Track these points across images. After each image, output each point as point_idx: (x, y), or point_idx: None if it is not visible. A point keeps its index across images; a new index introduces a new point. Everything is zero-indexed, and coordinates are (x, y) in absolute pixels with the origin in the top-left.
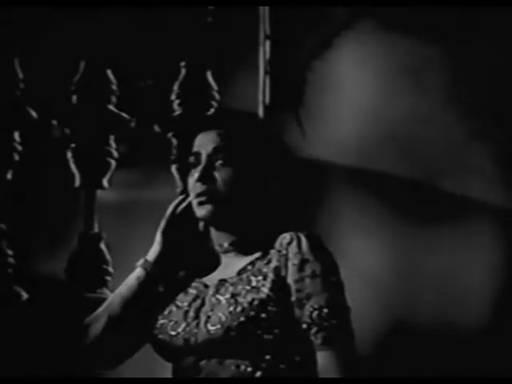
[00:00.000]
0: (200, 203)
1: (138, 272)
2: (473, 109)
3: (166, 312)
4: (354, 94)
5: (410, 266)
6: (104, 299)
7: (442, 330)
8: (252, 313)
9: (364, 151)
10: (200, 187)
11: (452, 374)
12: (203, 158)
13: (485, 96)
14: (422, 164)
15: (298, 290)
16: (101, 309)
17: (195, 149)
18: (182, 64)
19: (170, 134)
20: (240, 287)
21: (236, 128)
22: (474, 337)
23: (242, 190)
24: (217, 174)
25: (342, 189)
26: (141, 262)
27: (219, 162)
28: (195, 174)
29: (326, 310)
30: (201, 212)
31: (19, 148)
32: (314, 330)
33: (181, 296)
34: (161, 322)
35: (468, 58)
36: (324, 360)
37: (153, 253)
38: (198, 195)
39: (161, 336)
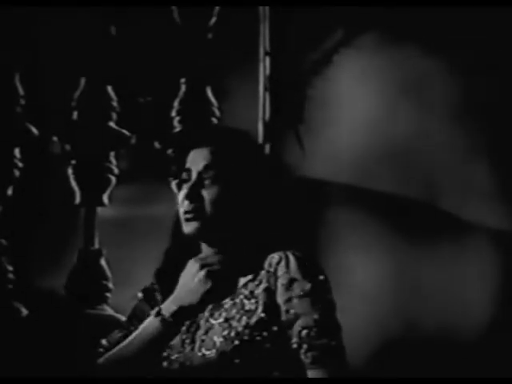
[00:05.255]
0: (187, 220)
1: (160, 330)
2: (473, 125)
3: None
4: (354, 111)
5: (408, 282)
6: (104, 315)
7: (441, 346)
8: (246, 337)
9: (364, 168)
10: (188, 205)
11: None
12: (193, 175)
13: (485, 113)
14: (421, 180)
15: (286, 311)
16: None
17: (187, 165)
18: (182, 81)
19: (170, 151)
20: (234, 311)
21: (228, 146)
22: (473, 352)
23: (231, 208)
24: (205, 193)
25: (341, 205)
26: (158, 316)
27: (208, 179)
28: (184, 191)
29: (315, 329)
30: (187, 228)
31: (20, 164)
32: (303, 349)
33: None
34: None
35: (470, 71)
36: None
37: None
38: (185, 212)
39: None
